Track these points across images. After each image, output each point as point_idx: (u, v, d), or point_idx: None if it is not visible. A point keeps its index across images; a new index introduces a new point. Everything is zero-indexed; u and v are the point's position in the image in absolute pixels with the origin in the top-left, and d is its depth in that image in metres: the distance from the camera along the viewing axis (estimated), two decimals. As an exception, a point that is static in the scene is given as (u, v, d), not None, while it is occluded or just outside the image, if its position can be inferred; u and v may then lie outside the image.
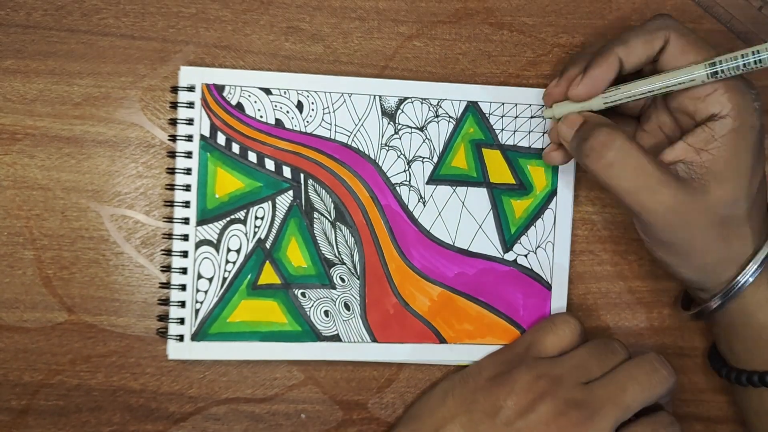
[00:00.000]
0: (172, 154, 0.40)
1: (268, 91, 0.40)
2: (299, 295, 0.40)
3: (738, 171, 0.34)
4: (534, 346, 0.39)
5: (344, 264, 0.41)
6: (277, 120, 0.40)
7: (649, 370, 0.37)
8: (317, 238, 0.41)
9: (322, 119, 0.41)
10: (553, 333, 0.39)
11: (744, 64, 0.32)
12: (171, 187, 0.40)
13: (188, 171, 0.40)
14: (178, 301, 0.40)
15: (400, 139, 0.41)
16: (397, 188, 0.41)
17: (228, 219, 0.40)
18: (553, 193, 0.42)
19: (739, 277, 0.35)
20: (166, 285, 0.40)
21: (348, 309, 0.41)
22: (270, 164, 0.40)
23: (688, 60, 0.34)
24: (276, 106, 0.40)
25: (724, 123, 0.33)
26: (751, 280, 0.35)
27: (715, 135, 0.33)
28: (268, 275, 0.40)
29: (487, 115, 0.42)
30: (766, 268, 0.35)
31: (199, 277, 0.40)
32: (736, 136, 0.33)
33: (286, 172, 0.40)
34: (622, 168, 0.34)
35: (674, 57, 0.34)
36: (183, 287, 0.40)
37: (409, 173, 0.41)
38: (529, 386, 0.37)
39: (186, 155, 0.40)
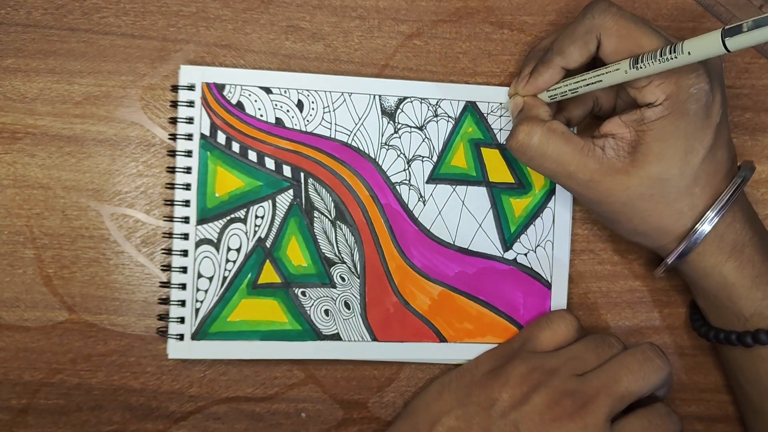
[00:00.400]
0: (173, 153, 0.40)
1: (268, 90, 0.40)
2: (299, 294, 0.40)
3: (664, 154, 0.35)
4: (530, 341, 0.40)
5: (344, 263, 0.41)
6: (277, 119, 0.40)
7: (642, 360, 0.37)
8: (317, 237, 0.41)
9: (322, 118, 0.41)
10: (549, 329, 0.40)
11: (660, 60, 0.33)
12: (171, 186, 0.40)
13: (188, 170, 0.40)
14: (179, 300, 0.40)
15: (399, 138, 0.41)
16: (397, 187, 0.41)
17: (228, 218, 0.40)
18: (551, 192, 0.42)
19: (680, 245, 0.37)
20: (167, 284, 0.40)
21: (348, 308, 0.41)
22: (270, 163, 0.40)
23: (621, 56, 0.35)
24: (276, 105, 0.40)
25: (655, 110, 0.35)
26: (690, 246, 0.37)
27: (644, 119, 0.35)
28: (269, 274, 0.40)
29: (485, 115, 0.42)
30: (709, 238, 0.36)
31: (200, 276, 0.40)
32: (665, 123, 0.35)
33: (287, 171, 0.40)
34: (542, 160, 0.37)
35: (608, 55, 0.36)
36: (183, 286, 0.40)
37: (409, 172, 0.41)
38: (524, 378, 0.37)
39: (186, 154, 0.40)
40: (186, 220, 0.40)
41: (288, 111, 0.41)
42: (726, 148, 0.37)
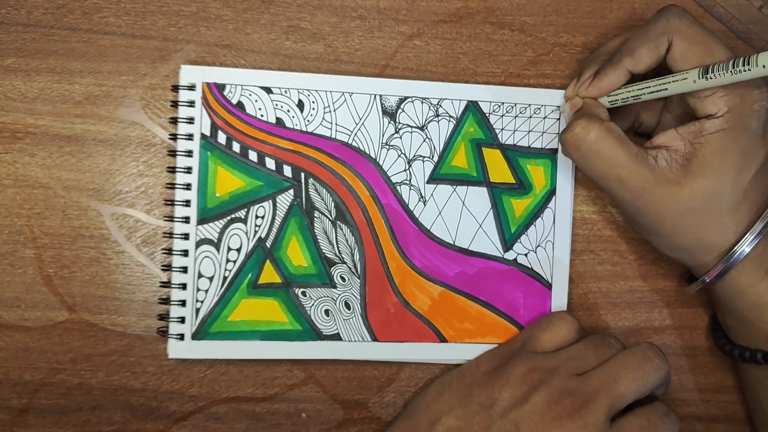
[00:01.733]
0: (173, 153, 0.40)
1: (268, 90, 0.40)
2: (300, 294, 0.40)
3: (719, 168, 0.35)
4: (530, 342, 0.40)
5: (345, 263, 0.41)
6: (277, 119, 0.40)
7: (641, 359, 0.37)
8: (318, 237, 0.41)
9: (323, 118, 0.41)
10: (550, 330, 0.40)
11: (732, 72, 0.32)
12: (171, 185, 0.40)
13: (189, 170, 0.40)
14: (179, 300, 0.40)
15: (400, 138, 0.41)
16: (398, 187, 0.41)
17: (228, 218, 0.40)
18: (552, 193, 0.42)
19: (720, 263, 0.37)
20: (167, 284, 0.40)
21: (348, 308, 0.41)
22: (270, 163, 0.40)
23: (690, 63, 0.35)
24: (277, 105, 0.40)
25: (715, 122, 0.35)
26: (731, 265, 0.37)
27: (703, 131, 0.35)
28: (269, 274, 0.40)
29: (487, 115, 0.42)
30: (749, 256, 0.36)
31: (200, 276, 0.40)
32: (724, 136, 0.35)
33: (287, 171, 0.40)
34: (595, 158, 0.37)
35: (677, 60, 0.35)
36: (183, 286, 0.40)
37: (410, 172, 0.41)
38: (524, 378, 0.37)
39: (186, 154, 0.40)
40: (186, 220, 0.40)
41: (288, 111, 0.41)
42: None
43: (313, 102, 0.41)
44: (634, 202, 0.37)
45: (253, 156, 0.40)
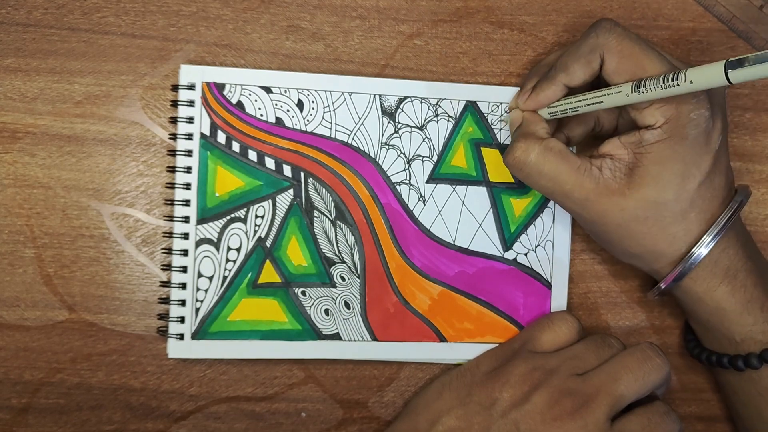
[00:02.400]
0: (173, 153, 0.40)
1: (268, 90, 0.40)
2: (299, 294, 0.40)
3: (660, 178, 0.35)
4: (530, 342, 0.40)
5: (344, 263, 0.41)
6: (277, 119, 0.40)
7: (641, 359, 0.37)
8: (317, 236, 0.41)
9: (323, 118, 0.41)
10: (550, 330, 0.40)
11: (662, 87, 0.33)
12: (171, 185, 0.40)
13: (188, 169, 0.40)
14: (179, 300, 0.40)
15: (400, 138, 0.41)
16: (397, 187, 0.41)
17: (228, 217, 0.40)
18: (553, 192, 0.42)
19: (672, 271, 0.37)
20: (167, 283, 0.40)
21: (348, 308, 0.41)
22: (270, 163, 0.40)
23: (623, 77, 0.35)
24: (276, 104, 0.40)
25: (654, 133, 0.35)
26: (684, 273, 0.37)
27: (643, 141, 0.35)
28: (269, 274, 0.40)
29: (485, 115, 0.42)
30: (703, 264, 0.37)
31: (200, 275, 0.40)
32: (663, 146, 0.35)
33: (287, 170, 0.40)
34: (538, 177, 0.37)
35: (609, 75, 0.36)
36: (183, 286, 0.40)
37: (409, 172, 0.41)
38: (524, 378, 0.37)
39: (186, 154, 0.40)
40: (186, 219, 0.40)
41: (288, 111, 0.41)
42: (724, 174, 0.37)
43: (313, 102, 0.41)
44: (581, 213, 0.37)
45: (252, 156, 0.40)
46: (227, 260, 0.40)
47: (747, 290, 0.37)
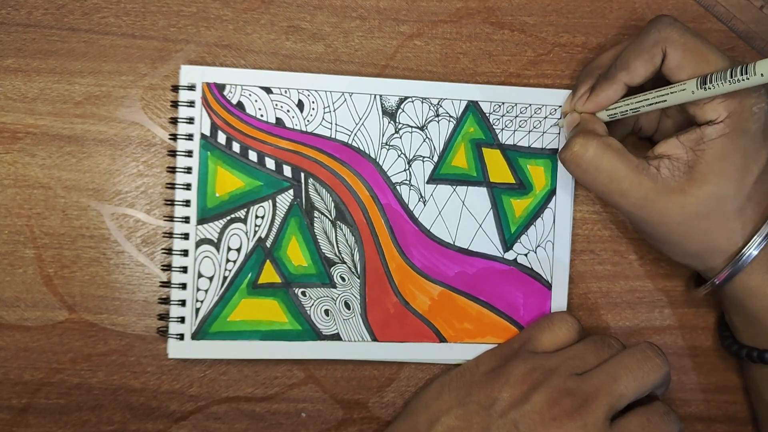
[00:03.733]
0: (173, 153, 0.40)
1: (268, 90, 0.40)
2: (299, 294, 0.40)
3: (722, 173, 0.35)
4: (530, 342, 0.40)
5: (344, 263, 0.41)
6: (277, 119, 0.40)
7: (641, 359, 0.37)
8: (317, 237, 0.41)
9: (323, 118, 0.41)
10: (550, 330, 0.40)
11: (731, 81, 0.32)
12: (171, 185, 0.40)
13: (189, 170, 0.40)
14: (179, 300, 0.40)
15: (400, 138, 0.41)
16: (398, 187, 0.41)
17: (228, 218, 0.40)
18: (552, 193, 0.42)
19: (728, 266, 0.37)
20: (167, 284, 0.40)
21: (348, 308, 0.41)
22: (270, 163, 0.40)
23: (686, 72, 0.35)
24: (276, 105, 0.40)
25: (716, 128, 0.35)
26: (739, 268, 0.37)
27: (704, 138, 0.35)
28: (269, 274, 0.40)
29: (487, 115, 0.42)
30: (757, 258, 0.36)
31: (200, 275, 0.40)
32: (725, 141, 0.35)
33: (287, 171, 0.40)
34: (595, 174, 0.37)
35: (672, 70, 0.36)
36: (183, 286, 0.40)
37: (410, 172, 0.41)
38: (524, 378, 0.37)
39: (186, 154, 0.40)
40: (186, 219, 0.40)
41: (288, 111, 0.41)
42: None
43: (313, 102, 0.41)
44: (638, 213, 0.37)
45: (253, 156, 0.40)
46: (227, 260, 0.40)
47: None
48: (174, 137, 0.40)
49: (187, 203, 0.40)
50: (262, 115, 0.40)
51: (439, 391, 0.40)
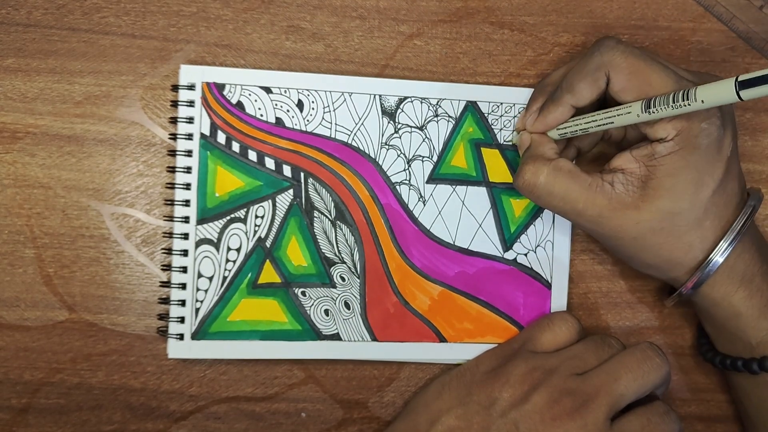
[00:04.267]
0: (173, 153, 0.40)
1: (268, 90, 0.40)
2: (299, 294, 0.40)
3: (674, 188, 0.35)
4: (530, 342, 0.40)
5: (344, 263, 0.41)
6: (277, 119, 0.40)
7: (641, 359, 0.37)
8: (317, 236, 0.41)
9: (323, 118, 0.41)
10: (550, 330, 0.40)
11: (673, 106, 0.33)
12: (171, 185, 0.40)
13: (188, 170, 0.40)
14: (179, 300, 0.40)
15: (400, 138, 0.41)
16: (397, 187, 0.41)
17: (228, 218, 0.40)
18: (553, 193, 0.42)
19: (690, 279, 0.37)
20: (167, 284, 0.40)
21: (348, 308, 0.41)
22: (270, 163, 0.40)
23: (630, 94, 0.35)
24: (276, 104, 0.40)
25: (666, 145, 0.35)
26: (702, 280, 0.37)
27: (655, 154, 0.35)
28: (269, 274, 0.40)
29: (485, 115, 0.42)
30: (720, 270, 0.37)
31: (200, 275, 0.40)
32: (676, 158, 0.35)
33: (287, 170, 0.40)
34: (549, 198, 0.37)
35: (617, 93, 0.36)
36: (183, 286, 0.40)
37: (409, 172, 0.41)
38: (524, 377, 0.37)
39: (186, 154, 0.40)
40: (186, 219, 0.40)
41: (288, 111, 0.41)
42: (736, 180, 0.37)
43: (313, 102, 0.41)
44: (595, 230, 0.37)
45: (252, 156, 0.40)
46: (227, 260, 0.40)
47: (763, 294, 0.37)
48: (174, 137, 0.40)
49: (186, 203, 0.40)
50: (261, 115, 0.40)
51: (439, 390, 0.40)
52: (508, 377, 0.38)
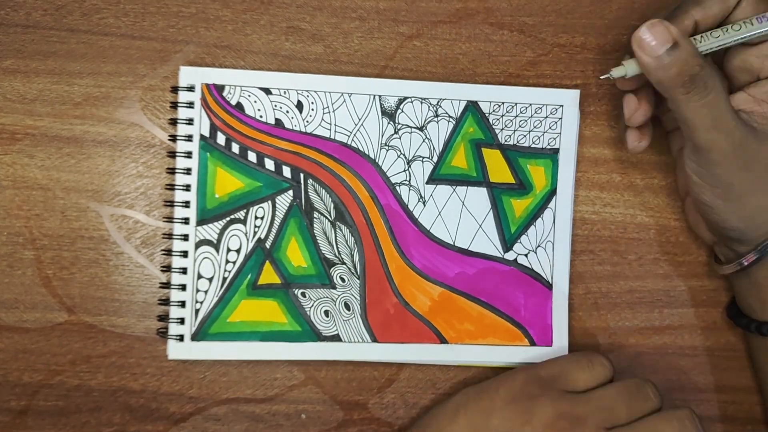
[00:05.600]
0: (172, 154, 0.40)
1: (268, 91, 0.40)
2: (299, 295, 0.40)
3: None
4: (563, 378, 0.38)
5: (344, 264, 0.41)
6: (276, 120, 0.40)
7: (678, 430, 0.35)
8: (317, 237, 0.41)
9: (322, 119, 0.41)
10: (590, 371, 0.37)
11: None
12: (171, 187, 0.40)
13: (188, 171, 0.40)
14: (178, 301, 0.40)
15: (399, 138, 0.41)
16: (397, 188, 0.41)
17: (228, 219, 0.40)
18: (552, 193, 0.42)
19: (758, 248, 0.36)
20: (166, 285, 0.40)
21: (348, 309, 0.41)
22: (270, 164, 0.40)
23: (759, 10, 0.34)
24: (276, 105, 0.40)
25: None
26: None
27: None
28: (268, 275, 0.40)
29: (486, 115, 0.42)
30: None
31: (199, 277, 0.40)
32: None
33: (286, 171, 0.40)
34: (707, 107, 0.34)
35: (747, 12, 0.34)
36: (183, 287, 0.40)
37: (409, 173, 0.41)
38: (550, 423, 0.35)
39: (186, 155, 0.40)
40: (186, 221, 0.40)
41: (288, 112, 0.41)
42: None
43: (313, 103, 0.41)
44: (733, 154, 0.35)
45: (252, 157, 0.40)
46: (227, 261, 0.40)
47: None
48: (173, 138, 0.40)
49: (186, 204, 0.40)
50: (261, 116, 0.40)
51: (454, 411, 0.38)
52: (531, 418, 0.35)
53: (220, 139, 0.40)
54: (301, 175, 0.41)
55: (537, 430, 0.35)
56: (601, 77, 0.37)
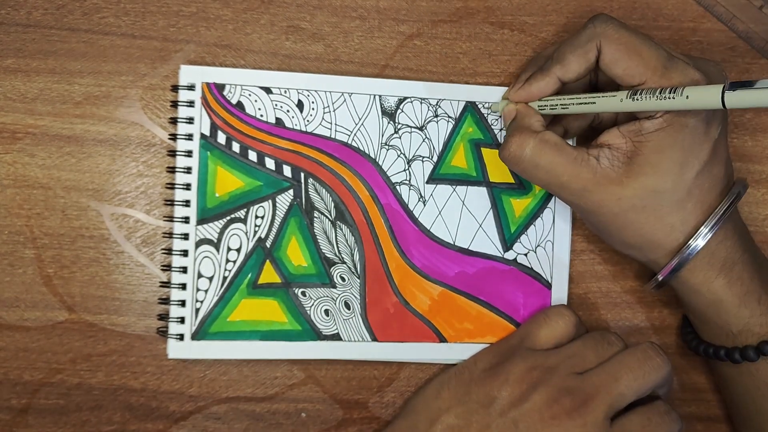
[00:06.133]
0: (173, 153, 0.40)
1: (268, 90, 0.40)
2: (299, 294, 0.40)
3: (659, 166, 0.35)
4: (528, 338, 0.40)
5: (344, 263, 0.41)
6: (277, 119, 0.40)
7: (642, 358, 0.37)
8: (317, 237, 0.41)
9: (323, 118, 0.41)
10: (547, 325, 0.40)
11: (658, 98, 0.33)
12: (171, 186, 0.40)
13: (188, 170, 0.40)
14: (179, 300, 0.40)
15: (399, 138, 0.41)
16: (397, 187, 0.41)
17: (228, 218, 0.40)
18: (553, 193, 0.42)
19: (670, 262, 0.37)
20: (167, 284, 0.40)
21: (348, 308, 0.41)
22: (270, 163, 0.40)
23: (620, 67, 0.35)
24: (276, 105, 0.40)
25: (654, 122, 0.35)
26: (681, 264, 0.37)
27: (643, 130, 0.35)
28: (269, 274, 0.40)
29: (485, 115, 0.42)
30: (700, 255, 0.36)
31: (200, 276, 0.40)
32: (663, 135, 0.35)
33: (287, 171, 0.40)
34: (535, 171, 0.37)
35: (607, 65, 0.35)
36: (183, 286, 0.40)
37: (409, 172, 0.41)
38: (523, 376, 0.37)
39: (186, 154, 0.40)
40: (186, 220, 0.40)
41: (288, 111, 0.41)
42: (723, 164, 0.37)
43: (313, 102, 0.41)
44: (578, 204, 0.37)
45: (252, 156, 0.40)
46: (227, 260, 0.40)
47: (744, 282, 0.37)
48: (174, 137, 0.40)
49: (186, 203, 0.40)
50: (261, 115, 0.40)
51: (438, 389, 0.40)
52: (507, 376, 0.38)
53: (221, 138, 0.40)
54: (302, 175, 0.41)
55: (513, 386, 0.37)
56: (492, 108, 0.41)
